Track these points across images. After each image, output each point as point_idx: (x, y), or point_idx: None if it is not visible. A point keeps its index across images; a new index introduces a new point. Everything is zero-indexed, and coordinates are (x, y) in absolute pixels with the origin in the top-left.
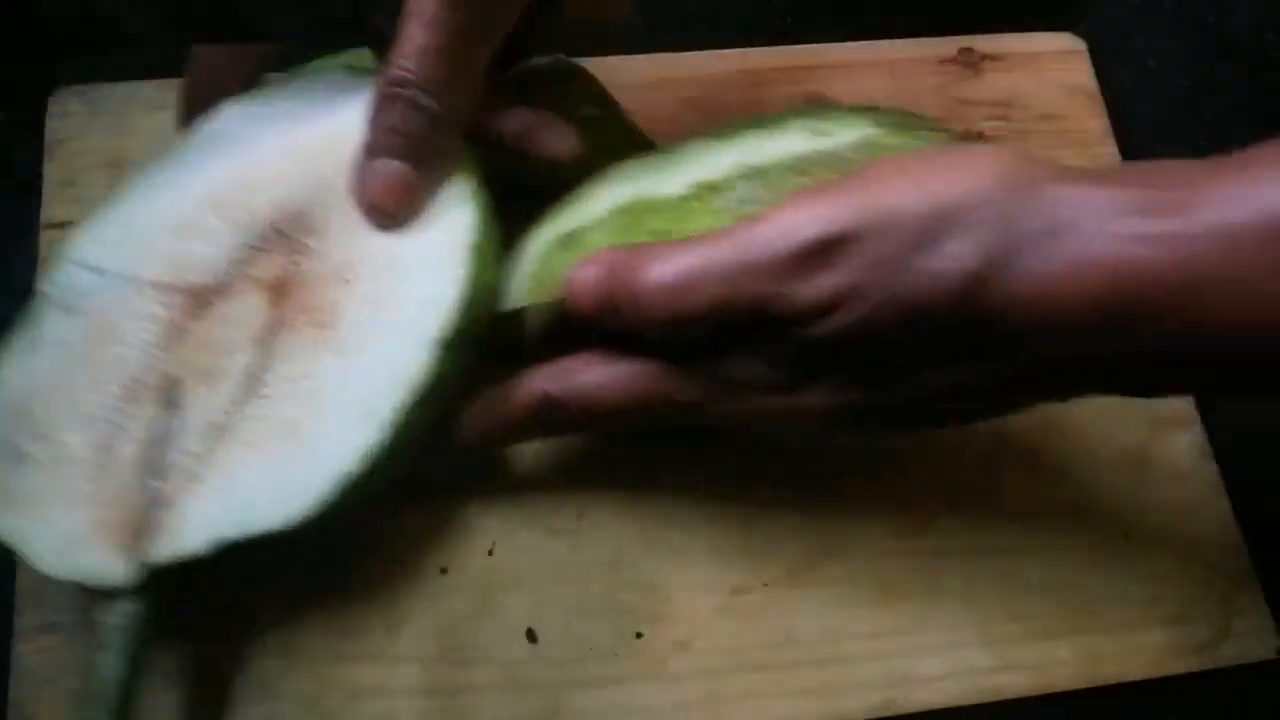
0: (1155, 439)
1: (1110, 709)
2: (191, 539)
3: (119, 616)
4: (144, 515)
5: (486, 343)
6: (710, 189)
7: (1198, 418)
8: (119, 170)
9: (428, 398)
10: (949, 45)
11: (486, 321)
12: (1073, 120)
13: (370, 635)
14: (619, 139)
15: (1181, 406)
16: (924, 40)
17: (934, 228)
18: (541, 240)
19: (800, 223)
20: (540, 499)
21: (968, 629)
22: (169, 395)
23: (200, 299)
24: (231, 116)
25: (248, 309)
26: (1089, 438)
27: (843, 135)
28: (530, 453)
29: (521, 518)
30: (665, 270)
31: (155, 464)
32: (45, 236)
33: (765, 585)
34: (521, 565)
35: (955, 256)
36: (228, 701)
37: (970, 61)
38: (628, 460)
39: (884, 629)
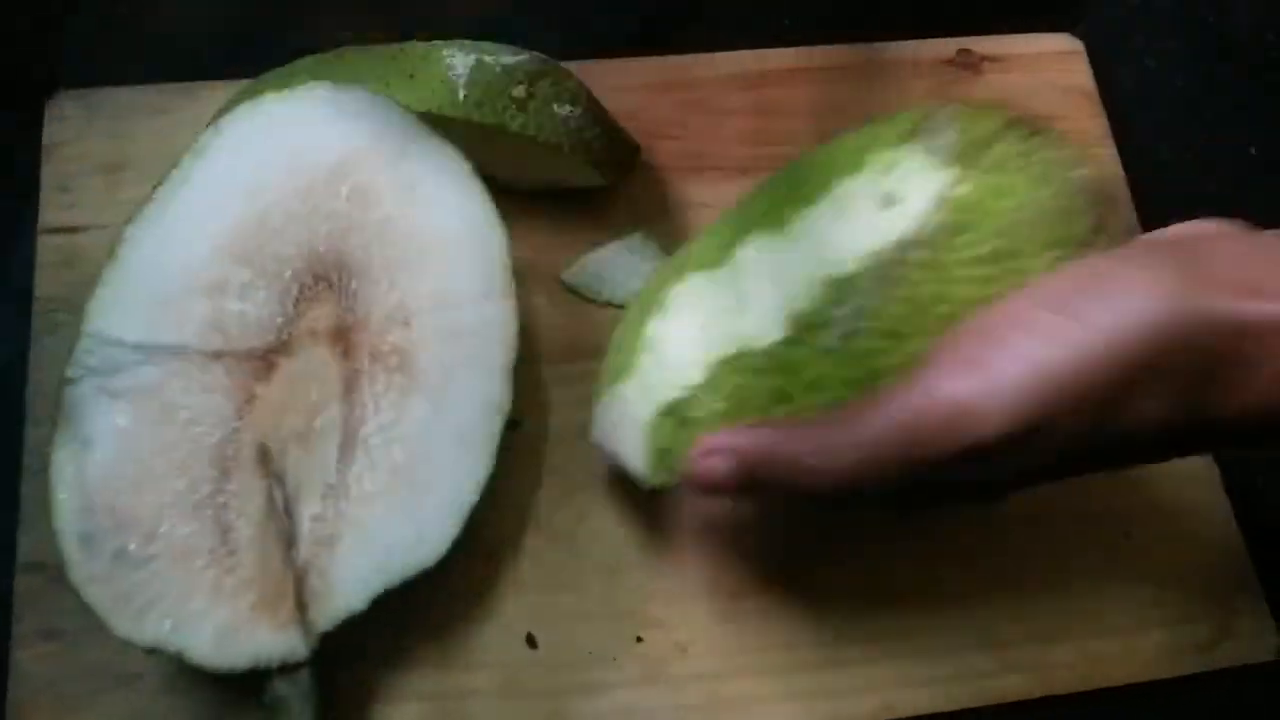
0: None
1: (1111, 711)
2: (352, 598)
3: (302, 687)
4: (296, 586)
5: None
6: (808, 329)
7: None
8: (116, 174)
9: (509, 421)
10: (947, 47)
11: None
12: (1071, 121)
13: (369, 639)
14: (600, 138)
15: None
16: (922, 42)
17: (1120, 397)
18: (646, 410)
19: (970, 417)
20: (540, 503)
21: (968, 632)
22: (268, 465)
23: (264, 361)
24: (223, 152)
25: (317, 364)
26: None
27: (914, 198)
28: (530, 458)
29: (521, 523)
30: (825, 474)
31: (285, 535)
32: (42, 241)
33: (764, 589)
34: (521, 570)
35: (1149, 416)
36: (226, 705)
37: (969, 63)
38: None
39: (883, 632)
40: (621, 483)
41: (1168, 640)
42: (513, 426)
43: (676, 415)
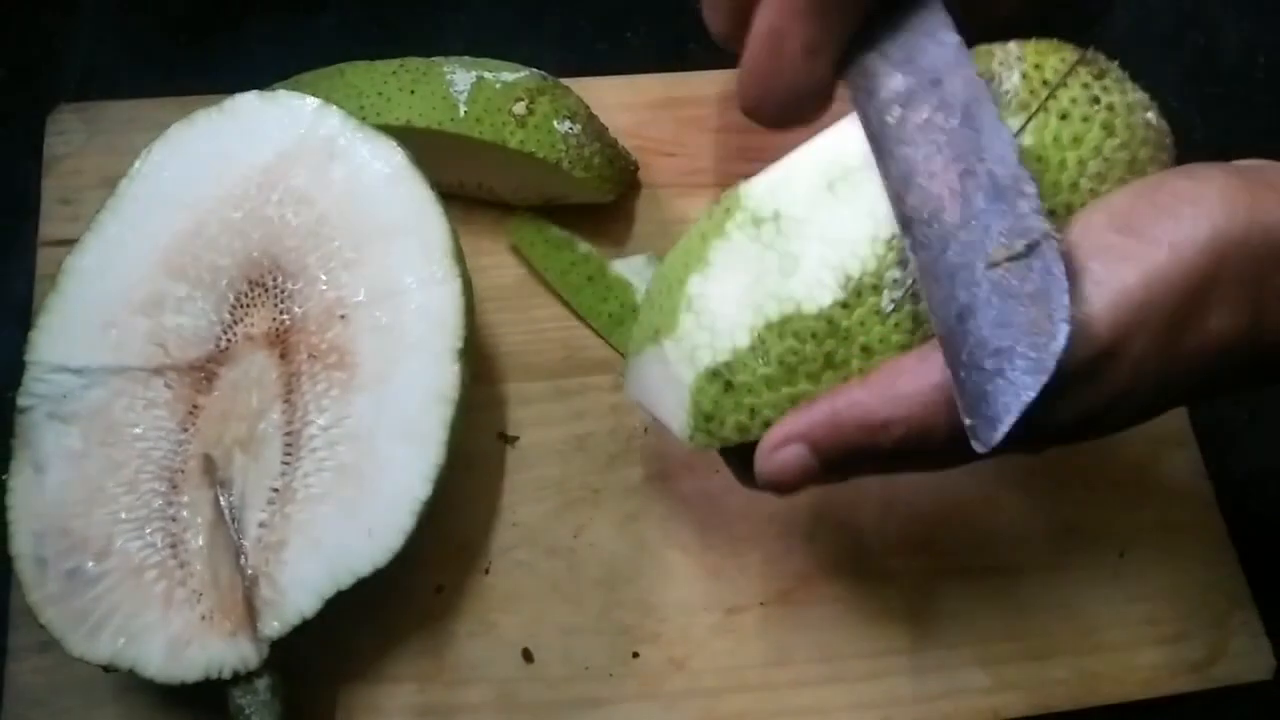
0: (1151, 459)
1: None
2: (302, 602)
3: (261, 694)
4: (246, 595)
5: None
6: (862, 292)
7: (1193, 438)
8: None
9: (462, 407)
10: None
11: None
12: None
13: (366, 654)
14: (599, 154)
15: (1178, 426)
16: None
17: (1190, 311)
18: (689, 372)
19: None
20: (537, 518)
21: (964, 649)
22: (214, 475)
23: (204, 372)
24: (156, 170)
25: (257, 369)
26: (1085, 457)
27: None
28: (526, 472)
29: (518, 536)
30: (896, 420)
31: (232, 544)
32: (43, 254)
33: (761, 604)
34: (518, 584)
35: (1215, 331)
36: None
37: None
38: (623, 480)
39: (880, 648)
40: (621, 496)
41: (1163, 659)
42: (510, 441)
43: (721, 379)
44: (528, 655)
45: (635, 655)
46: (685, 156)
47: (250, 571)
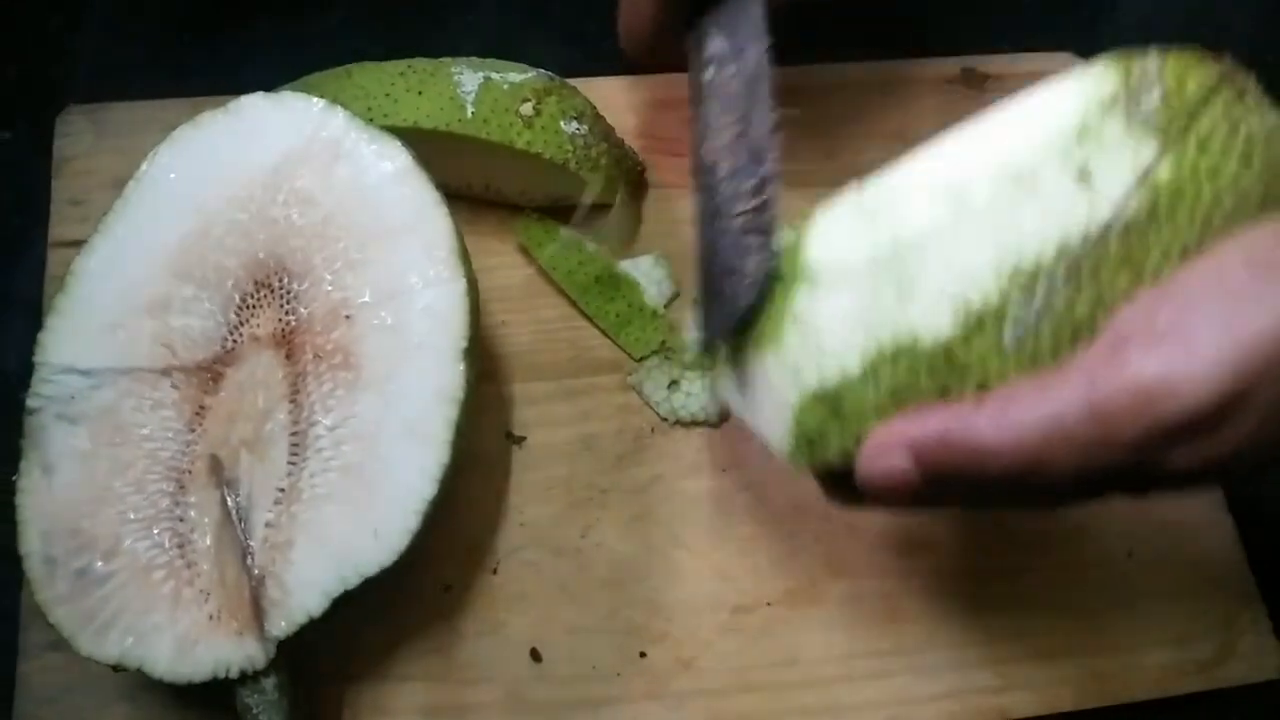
0: None
1: None
2: (309, 602)
3: (269, 693)
4: (253, 594)
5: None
6: (982, 326)
7: None
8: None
9: (468, 407)
10: (951, 65)
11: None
12: None
13: (374, 653)
14: (605, 155)
15: None
16: (926, 60)
17: None
18: (793, 390)
19: (1160, 389)
20: (544, 518)
21: (972, 648)
22: (220, 475)
23: (210, 373)
24: (162, 173)
25: (263, 370)
26: None
27: (1111, 179)
28: (533, 472)
29: (526, 536)
30: (1005, 449)
31: (239, 544)
32: (53, 255)
33: (768, 604)
34: (526, 584)
35: None
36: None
37: (973, 81)
38: (631, 480)
39: (887, 648)
40: (628, 496)
41: (1170, 659)
42: (517, 441)
43: (829, 404)
44: (536, 655)
45: (643, 655)
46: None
47: (257, 571)
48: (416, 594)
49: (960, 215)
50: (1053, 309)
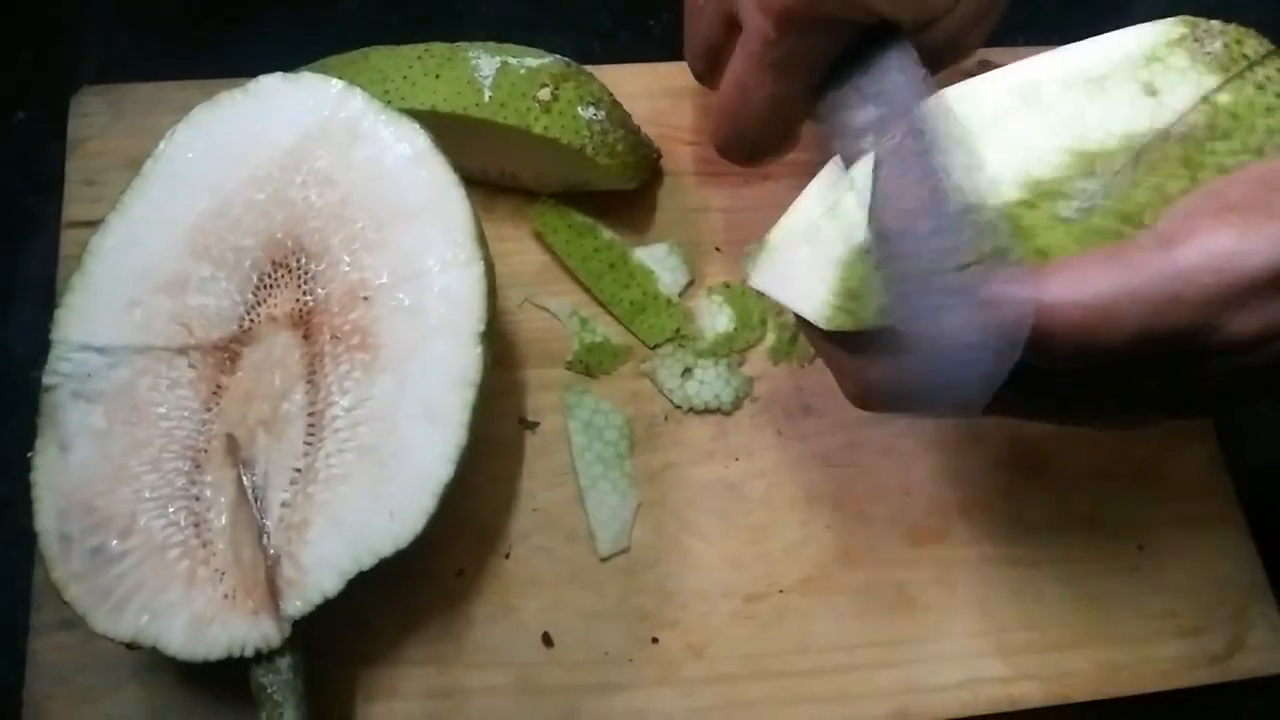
0: (1170, 452)
1: None
2: (324, 582)
3: (284, 673)
4: (268, 574)
5: None
6: (1046, 195)
7: (1213, 432)
8: (139, 171)
9: (484, 389)
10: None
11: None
12: None
13: (386, 637)
14: (622, 141)
15: (1197, 420)
16: None
17: None
18: (841, 245)
19: (1235, 251)
20: (556, 503)
21: (983, 638)
22: (237, 455)
23: (227, 352)
24: (180, 152)
25: (280, 350)
26: (1104, 450)
27: (1175, 96)
28: (546, 458)
29: (538, 522)
30: (1078, 303)
31: (255, 523)
32: (67, 235)
33: (780, 592)
34: (538, 569)
35: None
36: (245, 698)
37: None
38: (643, 468)
39: (899, 637)
40: (640, 483)
41: (1181, 651)
42: (530, 427)
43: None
44: (547, 640)
45: (655, 641)
46: (707, 145)
47: (273, 551)
48: (429, 578)
49: (1030, 104)
50: (1113, 190)
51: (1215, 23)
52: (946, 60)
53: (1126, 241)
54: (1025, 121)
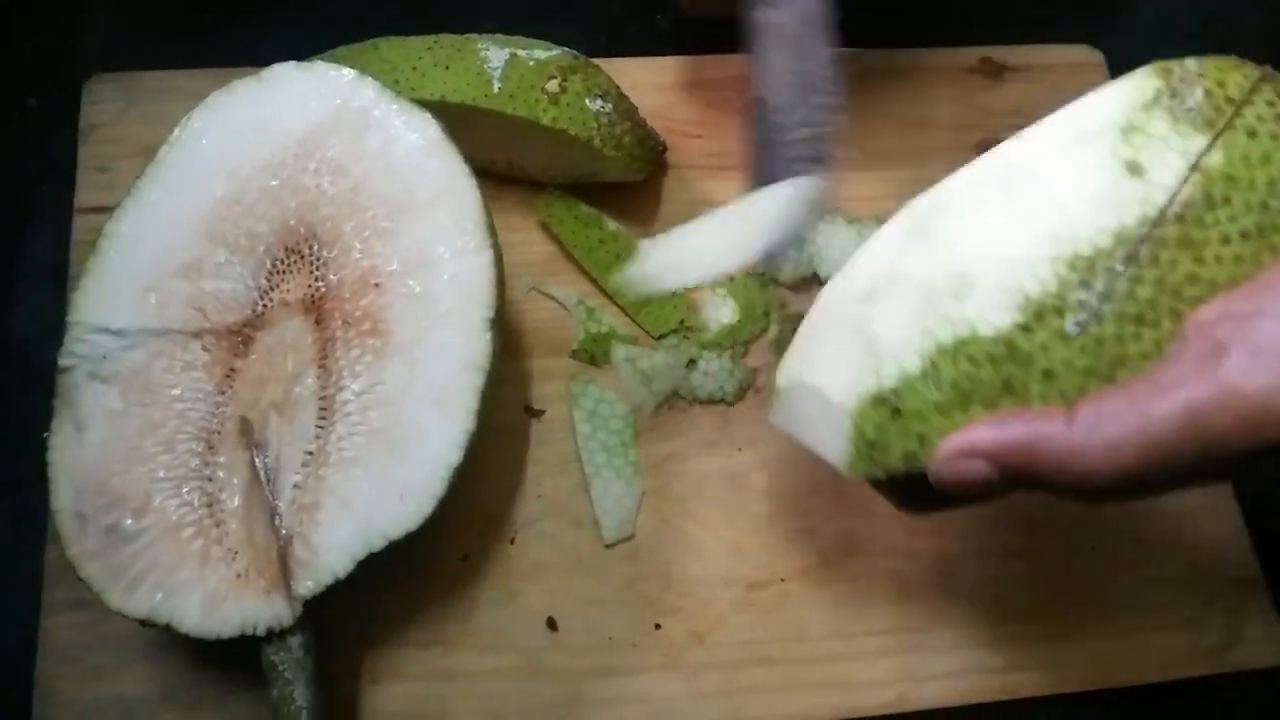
0: None
1: (1120, 711)
2: (335, 562)
3: (294, 651)
4: (280, 554)
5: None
6: (1043, 314)
7: None
8: (152, 158)
9: (492, 376)
10: (969, 55)
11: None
12: None
13: (392, 619)
14: (629, 133)
15: None
16: (945, 50)
17: None
18: (850, 396)
19: (1270, 410)
20: (561, 490)
21: (980, 629)
22: (250, 437)
23: (241, 336)
24: (196, 138)
25: (292, 334)
26: None
27: (1161, 167)
28: (551, 445)
29: (542, 508)
30: (1101, 466)
31: (267, 504)
32: (79, 220)
33: (782, 581)
34: (542, 555)
35: None
36: (254, 677)
37: (990, 71)
38: (647, 456)
39: (898, 626)
40: (645, 471)
41: (1177, 643)
42: (536, 415)
43: (888, 406)
44: (552, 624)
45: (657, 627)
46: (712, 138)
47: (285, 531)
48: (435, 562)
49: (1012, 205)
50: (1114, 294)
51: (1191, 63)
52: None
53: (1147, 377)
54: (1009, 231)
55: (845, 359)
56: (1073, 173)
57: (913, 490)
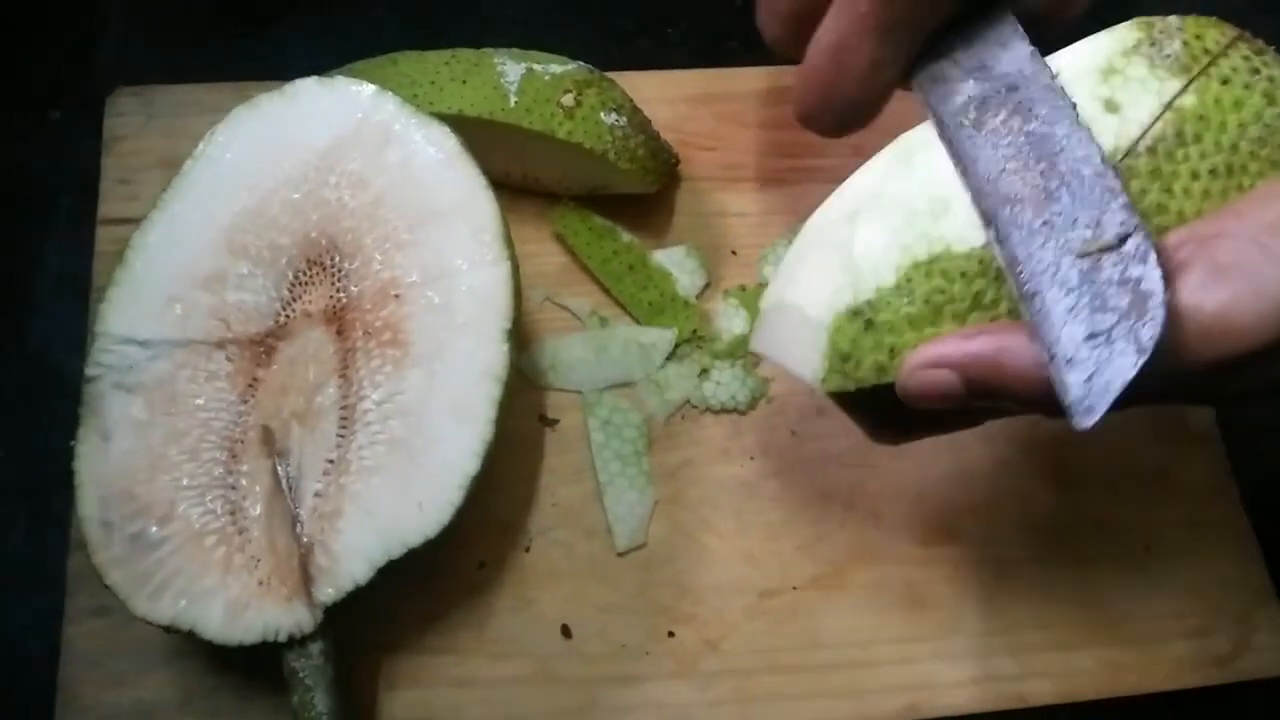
0: (1177, 456)
1: (1130, 719)
2: (356, 570)
3: (315, 658)
4: (302, 561)
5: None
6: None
7: (1219, 435)
8: (174, 169)
9: (509, 386)
10: None
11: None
12: None
13: (410, 626)
14: (643, 146)
15: (1203, 424)
16: None
17: None
18: (825, 310)
19: (1228, 327)
20: (575, 499)
21: (993, 637)
22: (272, 446)
23: (263, 346)
24: (220, 152)
25: (314, 345)
26: (1112, 453)
27: (1137, 108)
28: (565, 454)
29: (557, 517)
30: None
31: (289, 512)
32: (102, 231)
33: (794, 589)
34: (557, 563)
35: None
36: (273, 682)
37: None
38: (660, 465)
39: (910, 634)
40: (658, 480)
41: (1187, 652)
42: (550, 424)
43: (862, 318)
44: (566, 631)
45: (671, 635)
46: (724, 151)
47: (306, 539)
48: (452, 570)
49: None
50: None
51: (1173, 19)
52: (1056, 22)
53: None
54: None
55: (825, 276)
56: None
57: (882, 411)
